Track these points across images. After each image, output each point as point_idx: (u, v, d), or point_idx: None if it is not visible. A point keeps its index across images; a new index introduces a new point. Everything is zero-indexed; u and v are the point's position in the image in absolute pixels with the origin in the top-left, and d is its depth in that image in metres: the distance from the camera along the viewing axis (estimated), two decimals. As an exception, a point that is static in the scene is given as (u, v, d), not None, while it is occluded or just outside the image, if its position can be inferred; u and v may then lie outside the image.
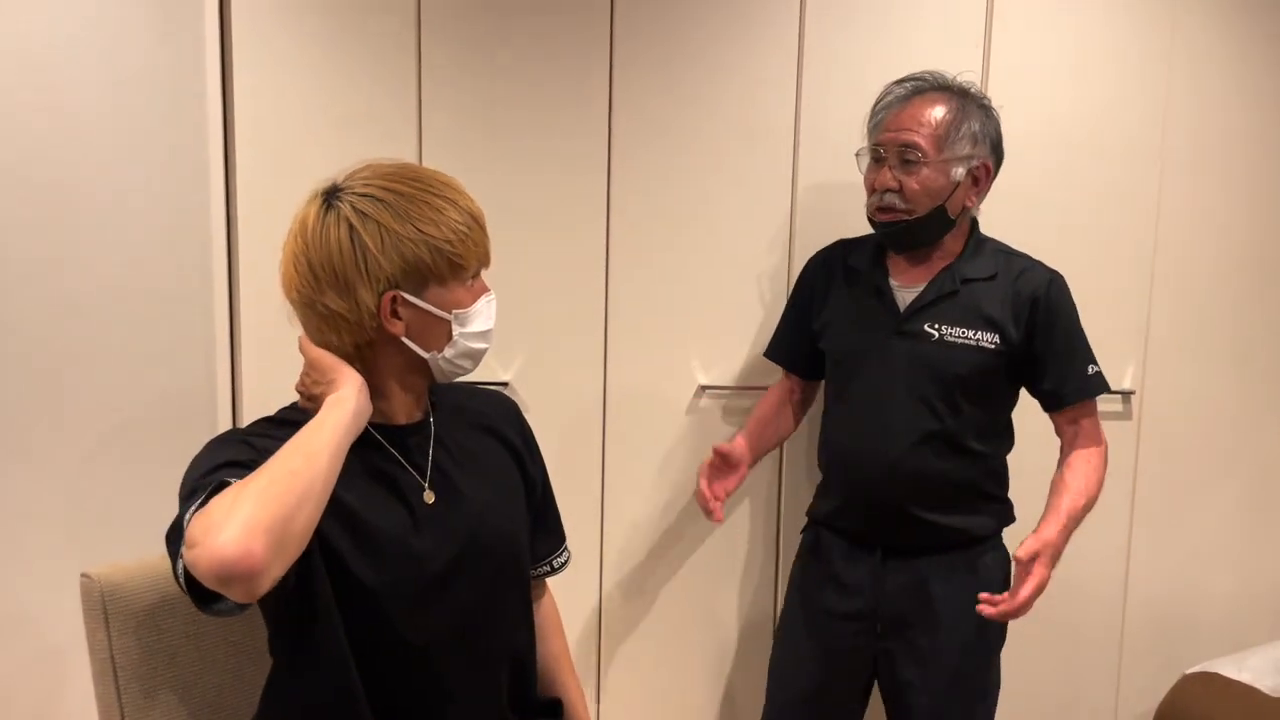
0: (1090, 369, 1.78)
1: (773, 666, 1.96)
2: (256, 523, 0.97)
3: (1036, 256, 1.85)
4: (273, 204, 1.92)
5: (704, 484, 1.84)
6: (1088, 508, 1.74)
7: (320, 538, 1.14)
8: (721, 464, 1.86)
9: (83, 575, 1.29)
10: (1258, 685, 2.05)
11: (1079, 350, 1.78)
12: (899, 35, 2.07)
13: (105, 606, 1.28)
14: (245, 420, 1.95)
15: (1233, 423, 2.31)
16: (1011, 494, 1.87)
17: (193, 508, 1.04)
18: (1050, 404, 1.80)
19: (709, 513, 1.82)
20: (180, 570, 1.05)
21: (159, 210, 1.88)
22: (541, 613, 1.45)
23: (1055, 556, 1.67)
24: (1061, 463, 1.79)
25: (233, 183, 1.92)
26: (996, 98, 2.09)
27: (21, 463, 1.83)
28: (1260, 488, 2.35)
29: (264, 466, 1.04)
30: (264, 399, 1.90)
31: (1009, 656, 2.00)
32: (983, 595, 1.63)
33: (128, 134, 1.85)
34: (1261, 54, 2.21)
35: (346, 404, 1.14)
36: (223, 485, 1.04)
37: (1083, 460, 1.76)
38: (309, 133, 1.94)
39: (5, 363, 1.80)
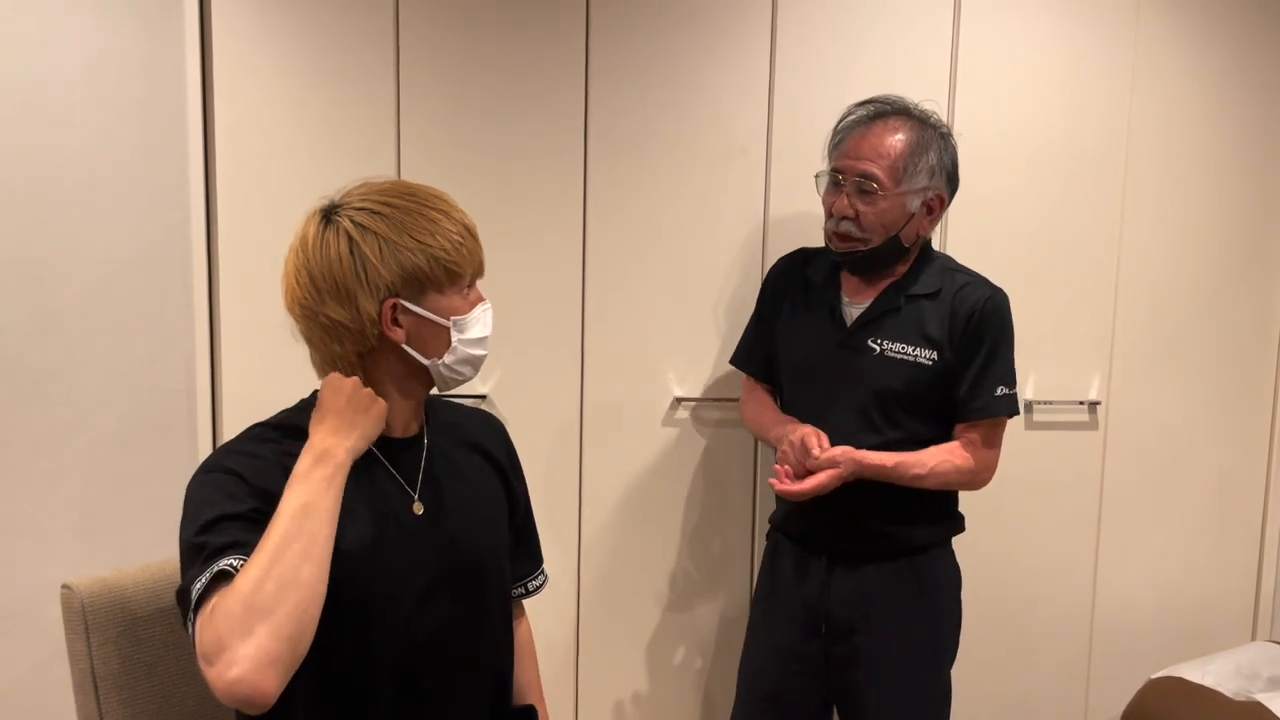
0: (999, 390, 1.77)
1: (740, 667, 2.00)
2: (267, 655, 1.00)
3: (1002, 267, 1.89)
4: (252, 215, 1.95)
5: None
6: (918, 477, 1.73)
7: None
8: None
9: (63, 586, 1.31)
10: (1221, 689, 2.09)
11: (994, 369, 1.77)
12: (869, 53, 2.11)
13: (85, 617, 1.29)
14: (226, 433, 1.96)
15: (1197, 432, 2.36)
16: (962, 505, 1.90)
17: (198, 585, 1.05)
18: (953, 414, 1.80)
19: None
20: (193, 632, 1.06)
21: (140, 221, 1.90)
22: (518, 637, 1.46)
23: (852, 473, 1.69)
24: (953, 443, 1.79)
25: (213, 194, 1.94)
26: (963, 111, 2.14)
27: (2, 476, 1.85)
28: (1224, 496, 2.40)
29: (269, 564, 1.03)
30: (244, 409, 1.92)
31: (977, 660, 2.04)
32: (776, 474, 1.71)
33: (109, 146, 1.87)
34: (1223, 67, 2.26)
35: (330, 461, 1.13)
36: (223, 574, 1.05)
37: (949, 450, 1.76)
38: (288, 146, 1.96)
39: (-14, 376, 1.82)
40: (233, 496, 1.13)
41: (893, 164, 1.74)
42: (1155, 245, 2.28)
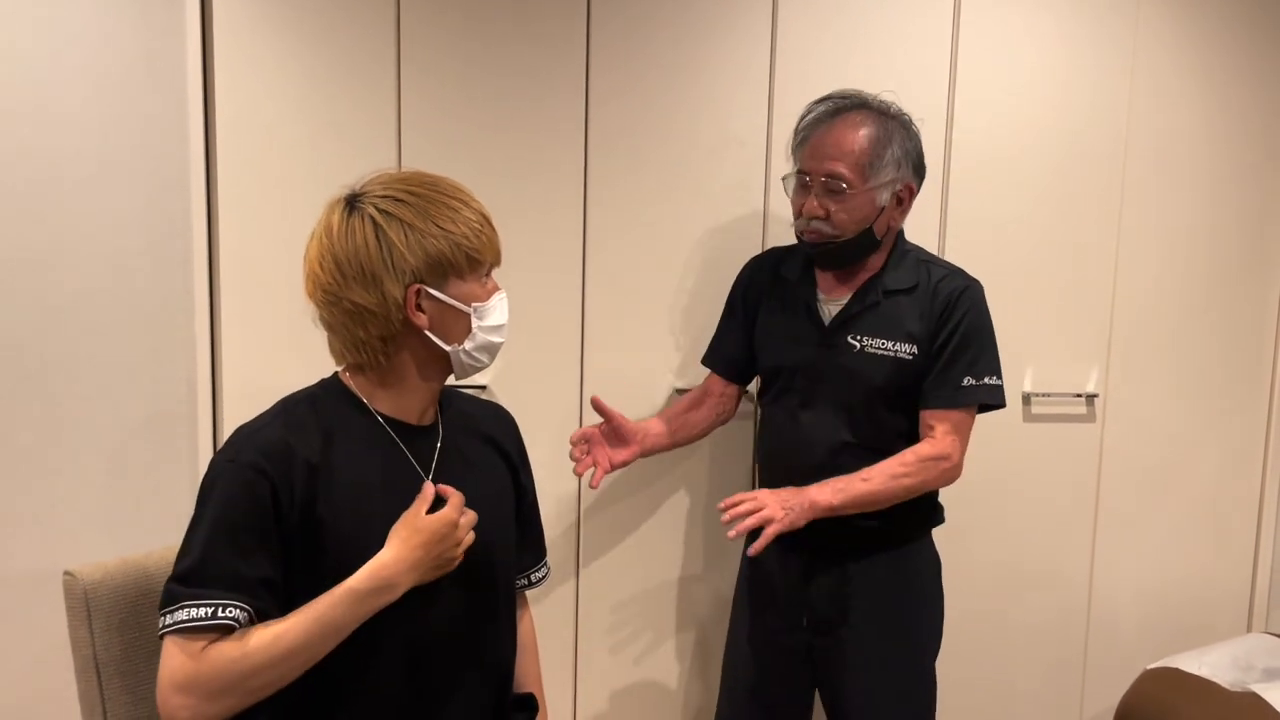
0: (965, 381, 1.75)
1: (724, 659, 2.02)
2: (216, 717, 1.14)
3: (1001, 261, 1.90)
4: (253, 207, 1.96)
5: (586, 447, 1.84)
6: (872, 487, 1.70)
7: (325, 534, 1.19)
8: (612, 433, 1.86)
9: (65, 573, 1.31)
10: (1217, 680, 2.10)
11: (962, 360, 1.75)
12: (869, 46, 2.12)
13: (88, 604, 1.30)
14: (228, 423, 1.97)
15: (1194, 424, 2.37)
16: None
17: (193, 614, 1.13)
18: (919, 401, 1.78)
19: (581, 472, 1.82)
20: (163, 630, 1.16)
21: (141, 214, 1.90)
22: (521, 629, 1.47)
23: (801, 499, 1.65)
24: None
25: (214, 186, 1.95)
26: (963, 104, 2.16)
27: (6, 466, 1.85)
28: (1220, 489, 2.41)
29: (276, 663, 1.14)
30: (246, 400, 1.92)
31: (974, 651, 2.04)
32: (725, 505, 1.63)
33: (110, 141, 1.87)
34: (1222, 63, 2.27)
35: (387, 596, 1.20)
36: (214, 618, 1.13)
37: (900, 455, 1.73)
38: (289, 138, 1.96)
39: (-12, 366, 1.82)
40: (255, 504, 1.17)
41: (858, 160, 1.72)
42: (1154, 239, 2.29)
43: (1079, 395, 2.29)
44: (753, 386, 2.12)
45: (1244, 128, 2.30)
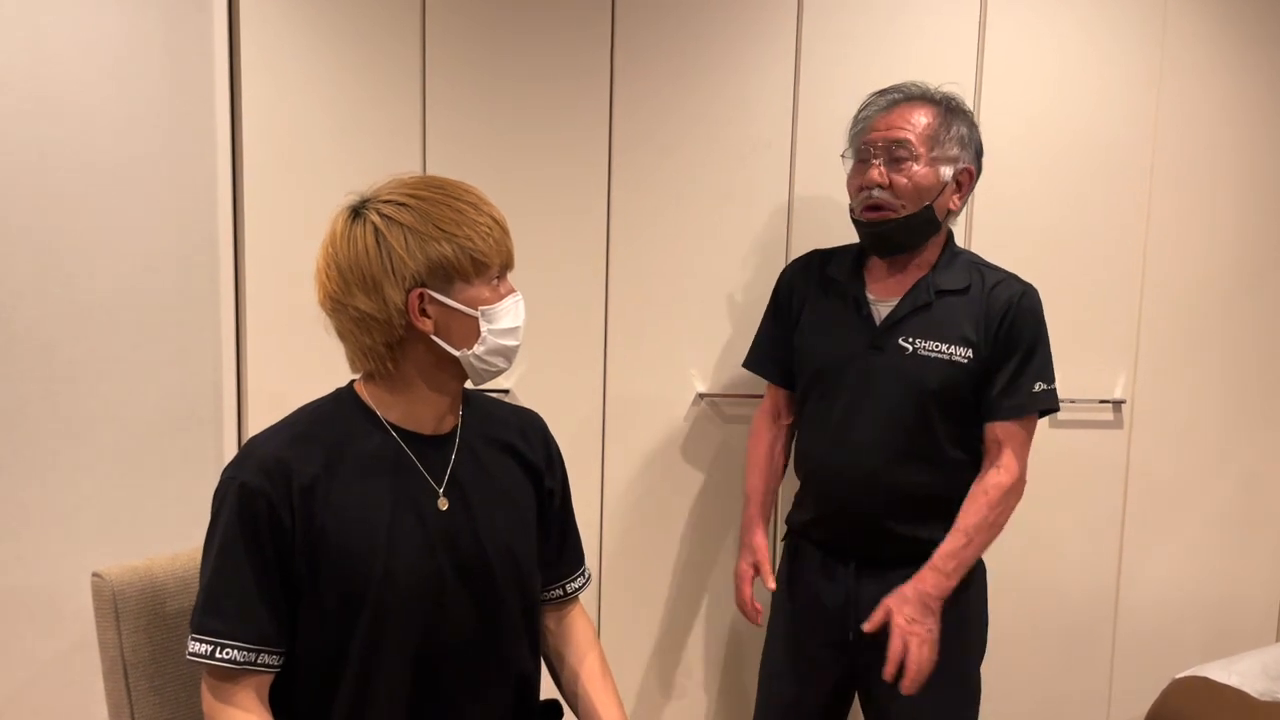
0: (1037, 386, 1.73)
1: (760, 671, 1.99)
2: None
3: (1028, 265, 1.88)
4: (279, 210, 1.96)
5: (749, 594, 1.95)
6: (976, 545, 1.73)
7: (328, 546, 1.19)
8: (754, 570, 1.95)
9: (94, 575, 1.32)
10: (1246, 689, 2.07)
11: (1032, 367, 1.73)
12: (894, 49, 2.11)
13: (116, 605, 1.31)
14: (252, 426, 1.98)
15: (1222, 431, 2.35)
16: None
17: (200, 650, 1.18)
18: (983, 413, 1.75)
19: (753, 616, 1.94)
20: (188, 654, 1.19)
21: (166, 217, 1.91)
22: (576, 630, 1.45)
23: (924, 604, 1.69)
24: (972, 487, 1.76)
25: (240, 188, 1.96)
26: (989, 108, 2.14)
27: (33, 466, 1.87)
28: (1248, 495, 2.38)
29: None
30: (270, 402, 1.94)
31: (1001, 660, 2.02)
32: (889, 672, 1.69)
33: (136, 141, 1.88)
34: (1251, 64, 2.25)
35: None
36: (212, 658, 1.18)
37: (980, 495, 1.73)
38: (314, 141, 1.97)
39: (15, 368, 1.84)
40: (254, 527, 1.18)
41: (924, 130, 1.73)
42: (1181, 242, 2.27)
43: (1106, 401, 2.26)
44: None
45: (1274, 128, 2.28)
